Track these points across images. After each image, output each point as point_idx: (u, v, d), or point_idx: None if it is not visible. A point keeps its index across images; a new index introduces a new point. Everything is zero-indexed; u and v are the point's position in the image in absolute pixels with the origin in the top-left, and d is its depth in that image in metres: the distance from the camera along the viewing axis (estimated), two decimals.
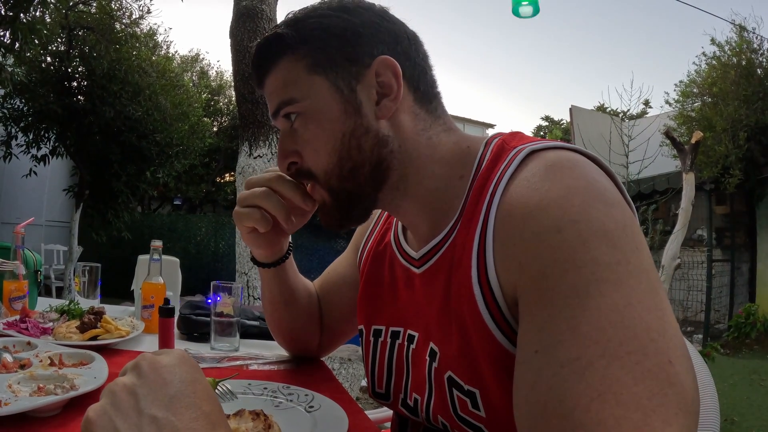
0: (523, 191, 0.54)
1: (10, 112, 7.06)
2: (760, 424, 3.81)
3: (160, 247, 1.42)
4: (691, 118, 8.12)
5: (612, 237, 0.48)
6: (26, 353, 0.91)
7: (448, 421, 0.64)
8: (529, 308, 0.51)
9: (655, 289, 0.47)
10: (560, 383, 0.44)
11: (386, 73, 0.66)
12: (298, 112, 0.68)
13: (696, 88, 8.29)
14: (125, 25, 7.38)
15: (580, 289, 0.47)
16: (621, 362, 0.43)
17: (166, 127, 7.76)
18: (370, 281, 0.83)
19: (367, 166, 0.67)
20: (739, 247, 8.27)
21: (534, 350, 0.48)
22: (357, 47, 0.67)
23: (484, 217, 0.58)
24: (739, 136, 7.15)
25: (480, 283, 0.57)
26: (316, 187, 0.71)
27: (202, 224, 10.74)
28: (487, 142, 0.67)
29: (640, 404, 0.41)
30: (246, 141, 3.69)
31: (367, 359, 0.80)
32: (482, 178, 0.62)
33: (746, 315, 6.94)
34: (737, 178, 7.12)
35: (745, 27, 7.76)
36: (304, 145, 0.69)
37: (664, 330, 0.45)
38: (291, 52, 0.68)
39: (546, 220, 0.50)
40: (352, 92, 0.66)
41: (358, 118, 0.66)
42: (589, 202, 0.50)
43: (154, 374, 0.42)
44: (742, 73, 7.52)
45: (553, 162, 0.55)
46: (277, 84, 0.69)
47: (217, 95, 12.68)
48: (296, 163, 0.71)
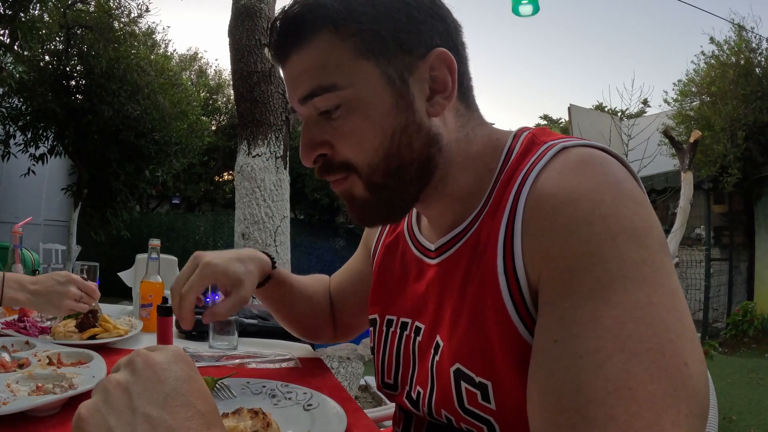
0: (554, 183, 0.54)
1: (9, 111, 7.04)
2: (758, 423, 3.82)
3: (158, 246, 1.42)
4: (690, 117, 8.13)
5: (639, 236, 0.49)
6: (25, 352, 0.92)
7: (452, 415, 0.64)
8: (551, 298, 0.51)
9: (676, 292, 0.48)
10: (578, 374, 0.44)
11: (441, 68, 0.61)
12: (341, 101, 0.60)
13: (695, 87, 8.30)
14: (124, 23, 7.36)
15: (605, 283, 0.47)
16: (639, 359, 0.43)
17: (165, 126, 7.74)
18: (383, 272, 0.82)
19: (415, 164, 0.63)
20: (737, 246, 8.28)
21: (554, 339, 0.48)
22: (411, 34, 0.60)
23: (511, 208, 0.58)
24: (737, 136, 7.16)
25: (506, 272, 0.56)
26: (352, 180, 0.64)
27: (201, 223, 10.74)
28: (516, 134, 0.66)
29: (654, 403, 0.42)
30: (244, 140, 3.69)
31: (378, 349, 0.79)
32: (510, 169, 0.61)
33: (743, 313, 6.95)
34: (735, 177, 7.13)
35: (744, 26, 7.77)
36: (343, 137, 0.62)
37: (682, 332, 0.46)
38: (334, 27, 0.59)
39: (577, 213, 0.50)
40: (405, 84, 0.61)
41: (411, 114, 0.61)
42: (620, 199, 0.51)
43: (149, 371, 0.41)
44: (740, 73, 7.52)
45: (584, 157, 0.55)
46: (312, 64, 0.60)
47: (215, 94, 12.67)
48: (325, 155, 0.64)
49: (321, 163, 0.64)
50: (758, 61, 7.70)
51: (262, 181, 3.60)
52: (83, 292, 1.13)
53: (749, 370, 5.44)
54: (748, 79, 7.46)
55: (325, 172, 0.65)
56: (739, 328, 6.90)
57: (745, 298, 7.88)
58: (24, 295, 1.07)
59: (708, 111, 7.65)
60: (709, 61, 8.14)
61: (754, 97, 7.32)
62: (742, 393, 4.58)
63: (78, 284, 1.12)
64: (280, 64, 0.65)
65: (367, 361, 5.20)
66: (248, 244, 3.56)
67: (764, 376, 5.18)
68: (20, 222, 1.43)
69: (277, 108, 3.68)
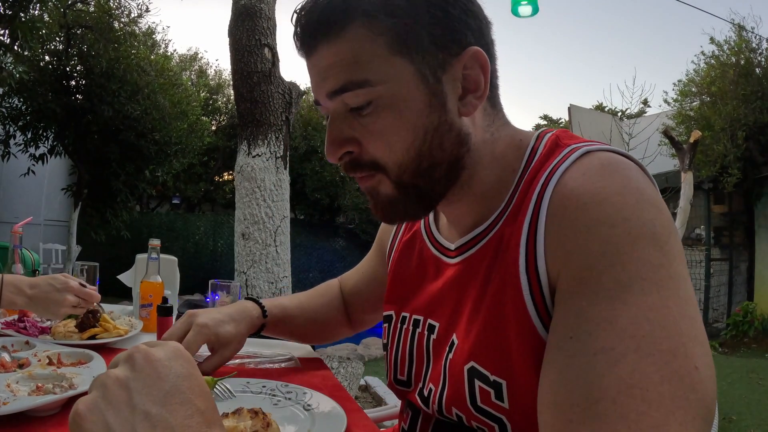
0: (578, 183, 0.55)
1: (9, 111, 7.04)
2: (757, 423, 3.82)
3: (158, 246, 1.42)
4: (690, 117, 8.13)
5: (659, 240, 0.50)
6: (25, 352, 0.92)
7: (463, 413, 0.64)
8: (569, 295, 0.51)
9: (690, 297, 0.49)
10: (591, 371, 0.45)
11: (474, 67, 0.60)
12: (373, 98, 0.58)
13: (695, 87, 8.30)
14: (124, 23, 7.36)
15: (624, 284, 0.48)
16: (652, 359, 0.44)
17: (165, 126, 7.74)
18: (399, 270, 0.82)
19: (445, 164, 0.62)
20: (737, 246, 8.29)
21: (569, 336, 0.49)
22: (446, 31, 0.59)
23: (534, 207, 0.58)
24: (737, 136, 7.16)
25: (528, 272, 0.57)
26: (380, 178, 0.63)
27: (201, 223, 10.73)
28: (539, 135, 0.66)
29: (663, 403, 0.43)
30: (244, 140, 3.69)
31: (391, 346, 0.79)
32: (534, 170, 0.62)
33: (744, 313, 6.95)
34: (736, 178, 7.13)
35: (744, 26, 7.77)
36: (373, 136, 0.60)
37: (694, 337, 0.47)
38: (368, 20, 0.57)
39: (600, 214, 0.51)
40: (438, 83, 0.59)
41: (443, 114, 0.60)
42: (642, 203, 0.52)
43: (149, 368, 0.41)
44: (740, 73, 7.53)
45: (609, 162, 0.56)
46: (343, 57, 0.58)
47: (215, 94, 12.66)
48: (352, 152, 0.62)
49: (347, 159, 0.62)
50: (758, 61, 7.70)
51: (262, 181, 3.60)
52: (81, 298, 1.13)
53: (749, 371, 5.43)
54: (748, 79, 7.46)
55: (351, 169, 0.63)
56: (739, 328, 6.90)
57: (745, 298, 7.88)
58: (22, 299, 1.08)
59: (708, 111, 7.65)
60: (709, 61, 8.14)
61: (755, 97, 7.32)
62: (742, 393, 4.58)
63: (75, 291, 1.12)
64: (305, 54, 0.62)
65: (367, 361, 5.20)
66: (248, 244, 3.56)
67: (764, 377, 5.18)
68: (20, 222, 1.43)
69: (277, 108, 3.68)
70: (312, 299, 1.10)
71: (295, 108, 3.84)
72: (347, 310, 1.09)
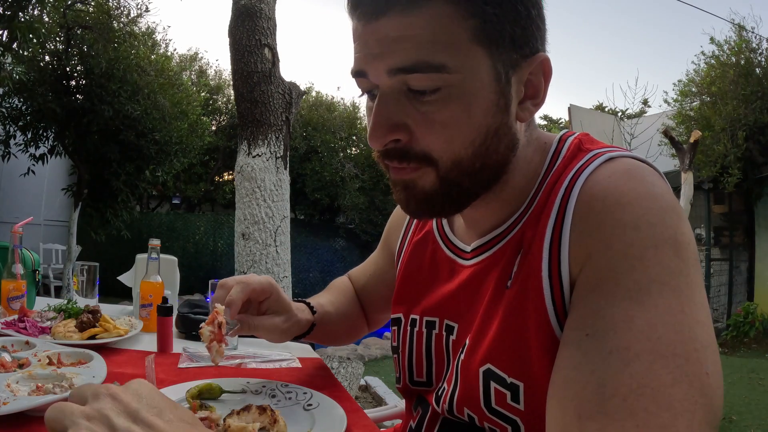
0: (604, 186, 0.55)
1: (9, 111, 7.03)
2: (758, 423, 3.82)
3: (158, 246, 1.42)
4: (690, 117, 8.13)
5: (680, 248, 0.51)
6: (25, 352, 0.91)
7: (476, 414, 0.63)
8: (588, 293, 0.52)
9: (705, 305, 0.50)
10: (604, 368, 0.46)
11: (538, 74, 0.59)
12: (442, 85, 0.54)
13: (695, 87, 8.30)
14: (123, 23, 7.35)
15: (643, 287, 0.49)
16: (665, 362, 0.45)
17: (165, 126, 7.74)
18: (410, 271, 0.81)
19: (495, 167, 0.60)
20: (737, 246, 8.29)
21: (585, 333, 0.50)
22: (525, 31, 0.56)
23: (558, 210, 0.58)
24: (737, 136, 7.16)
25: (550, 275, 0.57)
26: (425, 172, 0.58)
27: (201, 223, 10.72)
28: (562, 138, 0.66)
29: (672, 405, 0.43)
30: (245, 140, 3.69)
31: (403, 349, 0.78)
32: (557, 173, 0.62)
33: (745, 314, 6.95)
34: (736, 178, 7.13)
35: (744, 26, 7.77)
36: (434, 126, 0.55)
37: (708, 344, 0.48)
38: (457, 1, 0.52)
39: (625, 216, 0.52)
40: (508, 83, 0.57)
41: (506, 116, 0.58)
42: (666, 210, 0.52)
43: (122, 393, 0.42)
44: (740, 73, 7.52)
45: (634, 167, 0.57)
46: (421, 33, 0.52)
47: (215, 94, 12.66)
48: (400, 140, 0.57)
49: (393, 147, 0.57)
50: (758, 61, 7.70)
51: (262, 181, 3.60)
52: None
53: (749, 371, 5.44)
54: (748, 79, 7.46)
55: (396, 157, 0.58)
56: (740, 329, 6.89)
57: (745, 299, 7.88)
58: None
59: (708, 111, 7.65)
60: (709, 61, 8.14)
61: (755, 98, 7.32)
62: (742, 393, 4.58)
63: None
64: (366, 16, 0.54)
65: (367, 361, 5.20)
66: (248, 244, 3.55)
67: (764, 377, 5.18)
68: (20, 222, 1.43)
69: (277, 108, 3.68)
70: (338, 296, 1.06)
71: (295, 108, 3.84)
72: (363, 309, 1.08)
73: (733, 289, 8.12)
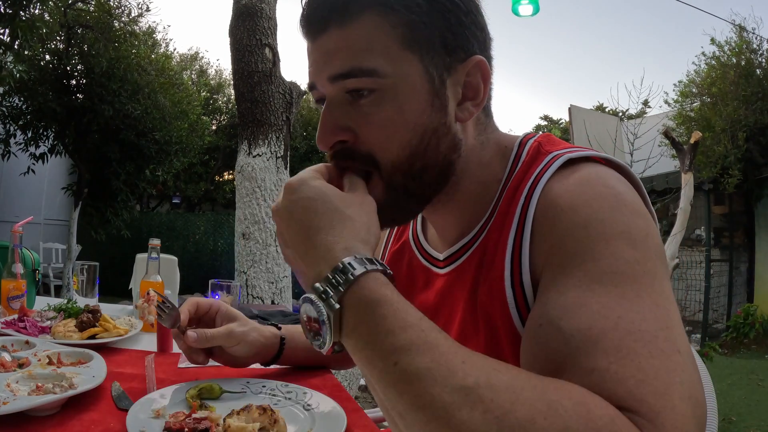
0: (559, 193, 0.56)
1: (9, 110, 7.04)
2: (757, 424, 3.82)
3: (158, 245, 1.42)
4: (690, 118, 8.12)
5: (633, 240, 0.51)
6: (25, 352, 0.91)
7: None
8: (542, 291, 0.53)
9: (666, 293, 0.49)
10: (572, 351, 0.45)
11: (476, 76, 0.61)
12: (377, 88, 0.57)
13: (695, 88, 8.29)
14: (124, 23, 7.36)
15: (594, 277, 0.49)
16: (635, 337, 0.44)
17: (165, 126, 7.74)
18: None
19: (437, 168, 0.61)
20: (737, 247, 8.28)
21: (539, 324, 0.50)
22: (456, 37, 0.60)
23: (519, 219, 0.59)
24: (738, 137, 7.16)
25: (512, 284, 0.57)
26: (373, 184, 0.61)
27: (201, 223, 10.72)
28: (522, 142, 0.67)
29: (659, 375, 0.42)
30: (245, 140, 3.69)
31: None
32: (516, 179, 0.62)
33: (745, 315, 6.94)
34: (736, 179, 7.13)
35: (745, 27, 7.76)
36: (371, 126, 0.59)
37: (674, 325, 0.46)
38: (385, 11, 0.57)
39: (575, 218, 0.53)
40: (442, 85, 0.59)
41: (443, 116, 0.60)
42: (617, 207, 0.53)
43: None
44: (741, 74, 7.52)
45: (587, 174, 0.58)
46: (355, 43, 0.57)
47: (216, 94, 12.66)
48: (346, 142, 0.60)
49: (340, 148, 0.61)
50: (759, 62, 7.70)
51: (262, 181, 3.60)
52: None
53: (749, 372, 5.43)
54: (748, 80, 7.45)
55: (342, 157, 0.61)
56: (740, 330, 6.89)
57: (745, 299, 7.88)
58: None
59: (708, 112, 7.65)
60: (709, 61, 8.14)
61: (755, 98, 7.31)
62: (742, 394, 4.58)
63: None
64: (311, 35, 0.60)
65: None
66: (249, 243, 3.55)
67: (764, 378, 5.18)
68: (20, 221, 1.43)
69: (277, 108, 3.68)
70: None
71: (295, 108, 3.84)
72: None
73: (732, 290, 8.11)
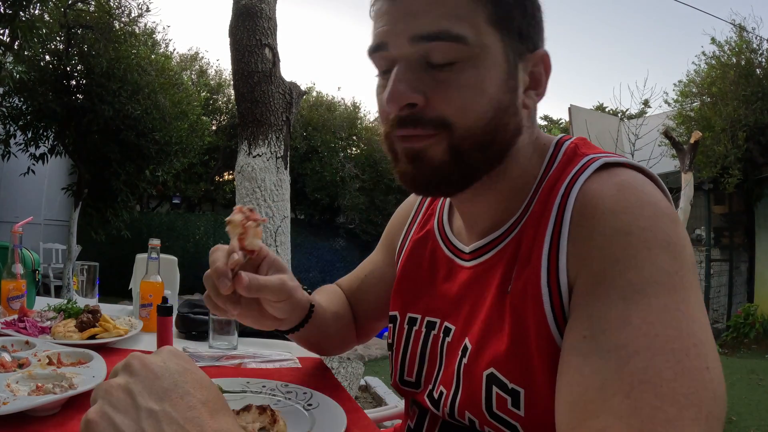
0: (597, 196, 0.57)
1: (9, 110, 7.03)
2: (758, 424, 3.82)
3: (158, 245, 1.42)
4: (690, 117, 8.13)
5: (674, 250, 0.52)
6: (25, 352, 0.91)
7: (477, 418, 0.64)
8: (584, 298, 0.54)
9: (701, 305, 0.51)
10: (605, 368, 0.47)
11: (540, 68, 0.64)
12: (460, 56, 0.58)
13: (695, 87, 8.30)
14: (124, 23, 7.36)
15: (637, 287, 0.50)
16: (665, 357, 0.46)
17: (165, 126, 7.74)
18: (409, 268, 0.81)
19: (501, 147, 0.62)
20: (737, 246, 8.29)
21: (583, 336, 0.51)
22: (530, 28, 0.62)
23: (556, 219, 0.59)
24: (738, 136, 7.16)
25: (549, 283, 0.58)
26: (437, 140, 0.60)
27: (201, 223, 10.72)
28: (559, 142, 0.68)
29: (676, 399, 0.44)
30: (245, 140, 3.69)
31: (398, 346, 0.78)
32: (553, 178, 0.63)
33: (745, 315, 6.95)
34: (736, 178, 7.13)
35: (745, 27, 7.77)
36: (450, 90, 0.58)
37: (706, 340, 0.48)
38: None
39: (617, 223, 0.54)
40: (515, 68, 0.62)
41: (515, 97, 0.62)
42: (659, 216, 0.54)
43: (146, 370, 0.43)
44: (741, 73, 7.52)
45: (626, 180, 0.59)
46: (446, 7, 0.57)
47: (216, 94, 12.66)
48: (415, 105, 0.59)
49: (408, 113, 0.59)
50: (759, 61, 7.70)
51: (262, 181, 3.60)
52: None
53: (749, 371, 5.44)
54: (748, 80, 7.46)
55: (411, 123, 0.60)
56: (740, 330, 6.89)
57: (745, 299, 7.88)
58: None
59: (708, 112, 7.65)
60: (709, 61, 8.14)
61: (755, 98, 7.32)
62: (743, 394, 4.58)
63: None
64: None
65: (367, 361, 5.20)
66: None
67: (764, 377, 5.18)
68: (20, 222, 1.43)
69: (277, 108, 3.68)
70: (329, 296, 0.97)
71: (295, 108, 3.84)
72: (354, 315, 1.00)
73: (733, 290, 8.12)
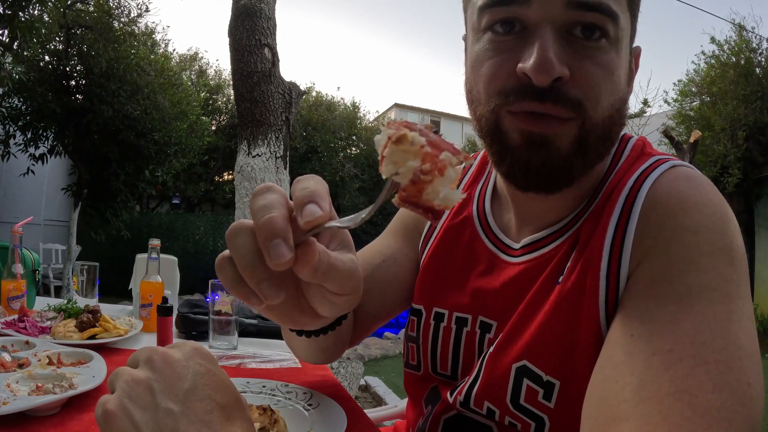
0: (668, 190, 0.56)
1: (8, 110, 7.03)
2: None
3: (158, 245, 1.42)
4: (690, 117, 8.13)
5: (734, 257, 0.52)
6: (25, 352, 0.91)
7: (498, 408, 0.63)
8: (638, 294, 0.52)
9: (751, 317, 0.50)
10: (646, 370, 0.46)
11: (635, 62, 0.64)
12: (610, 37, 0.56)
13: (695, 87, 8.30)
14: (123, 23, 7.36)
15: (694, 291, 0.49)
16: (707, 368, 0.45)
17: (165, 126, 7.74)
18: (439, 256, 0.76)
19: (611, 143, 0.60)
20: None
21: (630, 334, 0.49)
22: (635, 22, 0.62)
23: (622, 212, 0.58)
24: (737, 136, 7.17)
25: (608, 275, 0.56)
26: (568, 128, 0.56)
27: (201, 223, 10.72)
28: (623, 139, 0.67)
29: (709, 412, 0.43)
30: (244, 140, 3.69)
31: (425, 341, 0.75)
32: (619, 174, 0.62)
33: None
34: (736, 178, 7.13)
35: (745, 26, 7.77)
36: (593, 67, 0.55)
37: (752, 354, 0.47)
38: None
39: (687, 221, 0.53)
40: (630, 55, 0.61)
41: (629, 89, 0.61)
42: (726, 220, 0.54)
43: (169, 369, 0.43)
44: (741, 73, 7.53)
45: (696, 175, 0.59)
46: None
47: (215, 94, 12.66)
48: (561, 78, 0.54)
49: (553, 87, 0.55)
50: (758, 61, 7.70)
51: (262, 181, 3.60)
52: None
53: None
54: (748, 79, 7.46)
55: (554, 100, 0.55)
56: None
57: None
58: None
59: (708, 111, 7.65)
60: (709, 61, 8.15)
61: (755, 97, 7.32)
62: None
63: None
64: None
65: (367, 361, 5.19)
66: None
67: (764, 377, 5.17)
68: (20, 222, 1.43)
69: (277, 108, 3.68)
70: None
71: (295, 108, 3.84)
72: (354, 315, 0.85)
73: None
